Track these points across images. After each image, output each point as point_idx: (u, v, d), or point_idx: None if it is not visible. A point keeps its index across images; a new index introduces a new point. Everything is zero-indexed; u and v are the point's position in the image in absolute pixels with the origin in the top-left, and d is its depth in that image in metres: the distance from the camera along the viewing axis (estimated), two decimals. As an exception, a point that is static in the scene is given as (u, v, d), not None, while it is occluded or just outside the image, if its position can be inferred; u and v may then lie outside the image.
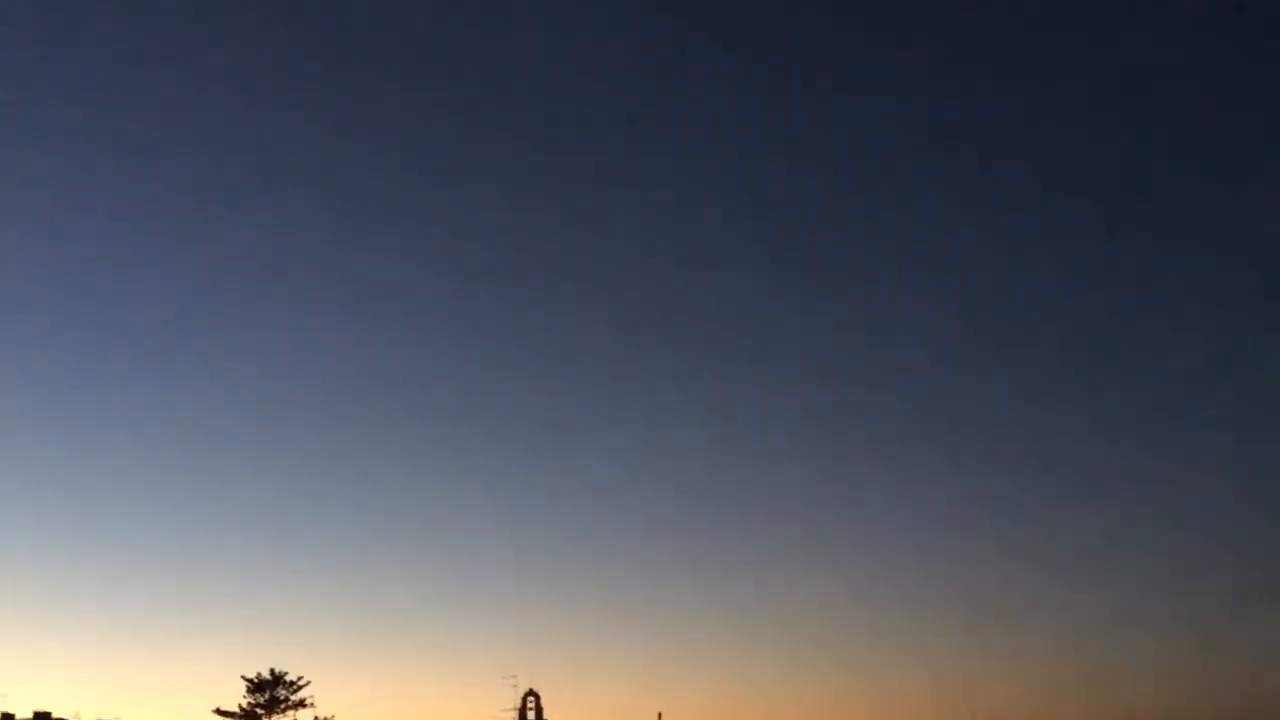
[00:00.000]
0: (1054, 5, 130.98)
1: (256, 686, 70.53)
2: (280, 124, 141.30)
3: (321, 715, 70.76)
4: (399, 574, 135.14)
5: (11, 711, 66.40)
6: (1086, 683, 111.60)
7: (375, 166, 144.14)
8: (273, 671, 70.99)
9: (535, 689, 76.67)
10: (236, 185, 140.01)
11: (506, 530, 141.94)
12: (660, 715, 77.30)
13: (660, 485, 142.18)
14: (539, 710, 76.22)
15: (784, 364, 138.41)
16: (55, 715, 66.91)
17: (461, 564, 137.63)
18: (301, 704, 70.53)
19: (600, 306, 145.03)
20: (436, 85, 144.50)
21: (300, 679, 71.02)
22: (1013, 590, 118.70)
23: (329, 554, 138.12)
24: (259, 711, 70.00)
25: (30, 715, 66.47)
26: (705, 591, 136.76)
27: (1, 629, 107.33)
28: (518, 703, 75.98)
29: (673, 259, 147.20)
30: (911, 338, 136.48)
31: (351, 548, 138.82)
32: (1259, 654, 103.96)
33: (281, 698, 70.42)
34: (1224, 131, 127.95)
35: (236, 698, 70.29)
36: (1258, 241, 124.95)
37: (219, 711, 69.75)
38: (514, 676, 77.08)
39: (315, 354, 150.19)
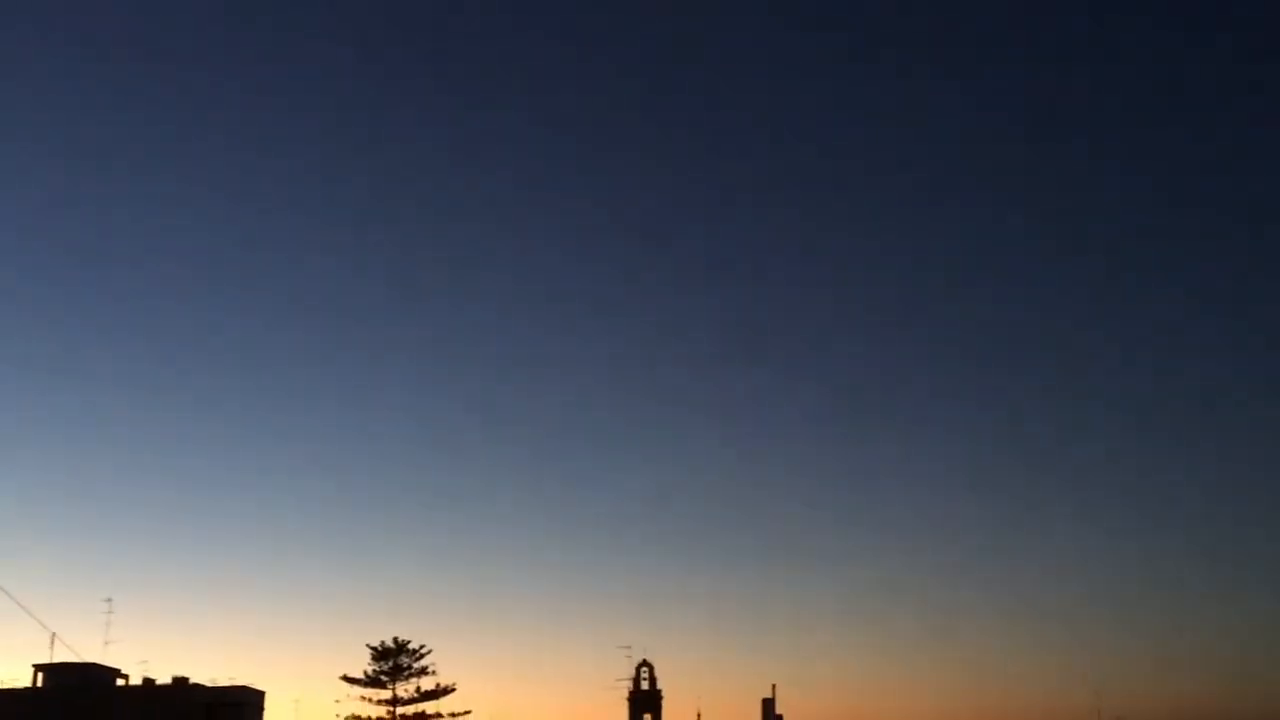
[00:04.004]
0: None
1: (381, 654, 71.75)
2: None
3: (443, 682, 72.24)
4: (517, 546, 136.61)
5: (153, 677, 68.92)
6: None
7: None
8: (396, 640, 71.81)
9: (649, 659, 77.85)
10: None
11: (623, 506, 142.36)
12: (774, 688, 77.92)
13: (769, 470, 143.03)
14: (653, 680, 77.65)
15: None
16: (192, 681, 69.14)
17: (577, 539, 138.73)
18: (424, 671, 72.02)
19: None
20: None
21: (422, 647, 71.95)
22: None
23: (448, 528, 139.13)
24: (383, 678, 71.72)
25: (169, 681, 68.81)
26: (819, 567, 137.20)
27: (145, 603, 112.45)
28: (631, 672, 77.39)
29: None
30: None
31: (469, 522, 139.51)
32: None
33: (404, 665, 71.80)
34: None
35: (362, 665, 71.88)
36: None
37: (346, 678, 71.69)
38: (628, 647, 78.07)
39: (443, 344, 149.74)
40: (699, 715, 78.96)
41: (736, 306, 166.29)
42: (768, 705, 77.17)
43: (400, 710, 71.13)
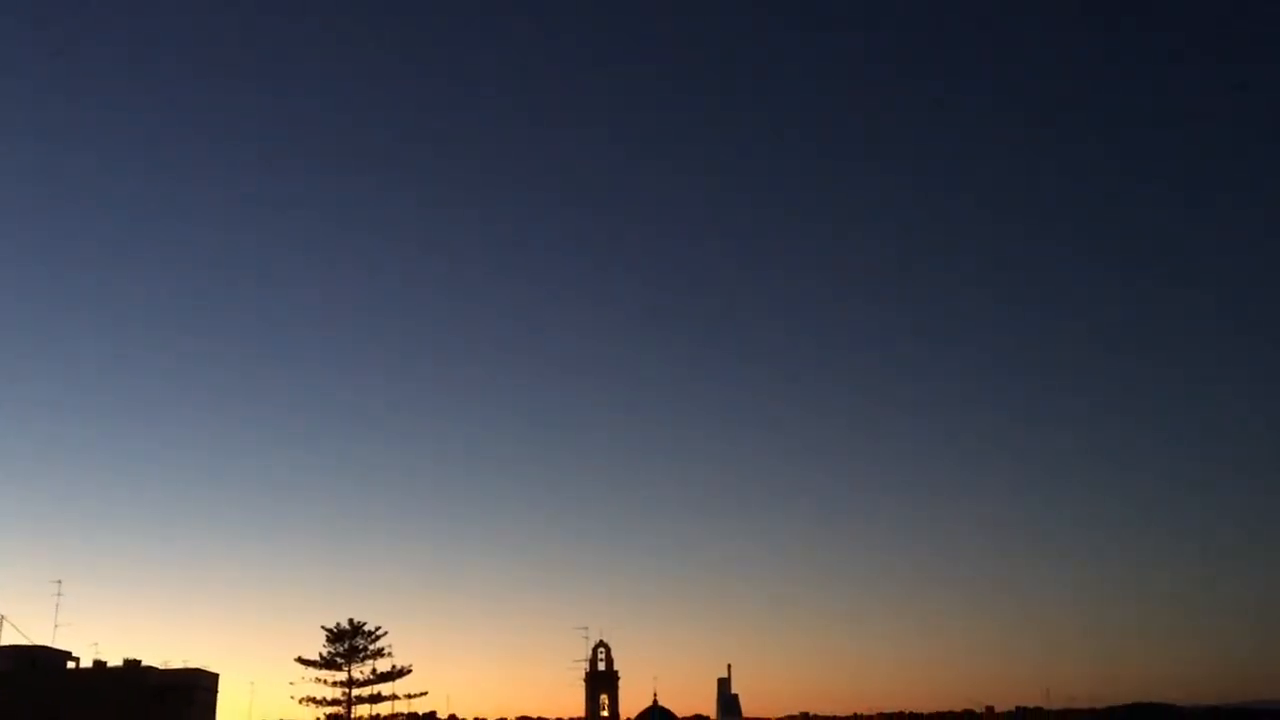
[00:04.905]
0: None
1: (336, 636, 71.50)
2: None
3: (399, 664, 71.96)
4: (474, 529, 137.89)
5: (104, 659, 68.20)
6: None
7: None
8: (352, 622, 71.59)
9: (606, 641, 78.21)
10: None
11: (580, 490, 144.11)
12: (729, 668, 78.68)
13: (735, 455, 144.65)
14: (610, 661, 77.94)
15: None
16: (145, 663, 68.51)
17: (534, 522, 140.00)
18: (380, 653, 71.85)
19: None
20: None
21: (378, 629, 71.93)
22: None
23: (406, 510, 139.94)
24: (339, 660, 71.40)
25: (120, 663, 68.12)
26: (774, 551, 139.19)
27: (96, 584, 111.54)
28: (589, 654, 77.77)
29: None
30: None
31: (427, 504, 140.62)
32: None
33: (360, 647, 71.61)
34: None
35: (317, 646, 71.54)
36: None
37: (301, 660, 71.24)
38: (585, 628, 78.53)
39: (398, 331, 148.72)
40: (655, 695, 79.50)
41: (718, 299, 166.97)
42: (723, 685, 77.88)
43: (356, 692, 70.89)
